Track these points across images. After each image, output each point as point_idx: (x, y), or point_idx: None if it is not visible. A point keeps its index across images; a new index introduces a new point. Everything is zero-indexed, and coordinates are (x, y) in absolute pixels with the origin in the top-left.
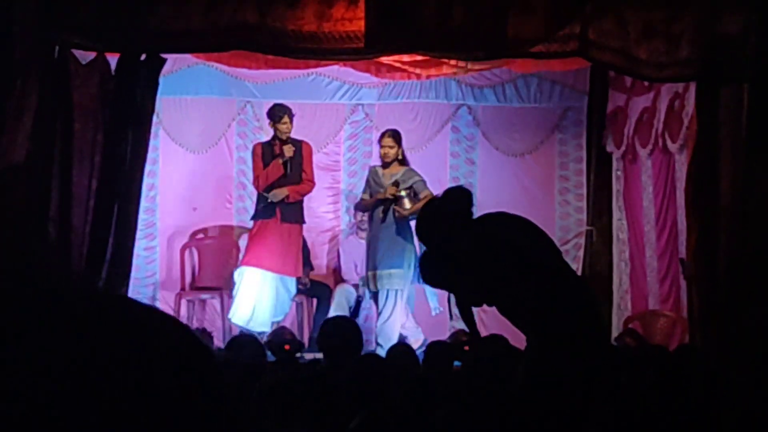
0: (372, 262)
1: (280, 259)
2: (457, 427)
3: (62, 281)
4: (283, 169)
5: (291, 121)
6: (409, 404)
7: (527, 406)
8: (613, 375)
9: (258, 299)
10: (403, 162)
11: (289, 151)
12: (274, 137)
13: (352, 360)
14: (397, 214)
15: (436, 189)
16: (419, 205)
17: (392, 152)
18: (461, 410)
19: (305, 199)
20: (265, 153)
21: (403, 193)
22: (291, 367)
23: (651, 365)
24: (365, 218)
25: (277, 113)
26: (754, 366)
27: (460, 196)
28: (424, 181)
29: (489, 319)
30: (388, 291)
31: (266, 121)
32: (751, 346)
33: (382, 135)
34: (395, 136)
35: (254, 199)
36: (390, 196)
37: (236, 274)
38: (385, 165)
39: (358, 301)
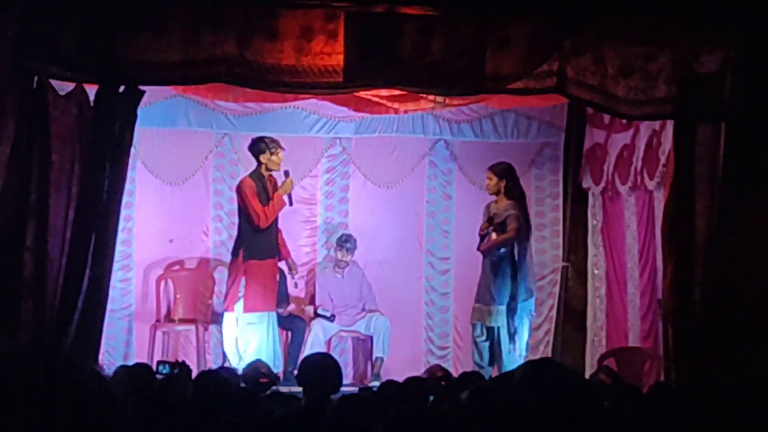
0: (475, 296)
1: (274, 297)
2: None
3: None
4: (288, 203)
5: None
6: None
7: None
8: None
9: (266, 342)
10: (511, 195)
11: (290, 184)
12: (261, 169)
13: (329, 397)
14: (481, 248)
15: (413, 223)
16: (502, 237)
17: (491, 185)
18: None
19: (283, 231)
20: (258, 188)
21: (491, 228)
22: (269, 401)
23: (626, 403)
24: (342, 254)
25: (270, 145)
26: (729, 403)
27: None
28: (516, 216)
29: (464, 354)
30: (479, 325)
31: (245, 154)
32: (725, 383)
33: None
34: (496, 168)
35: (232, 233)
36: (481, 232)
37: (231, 317)
38: (497, 199)
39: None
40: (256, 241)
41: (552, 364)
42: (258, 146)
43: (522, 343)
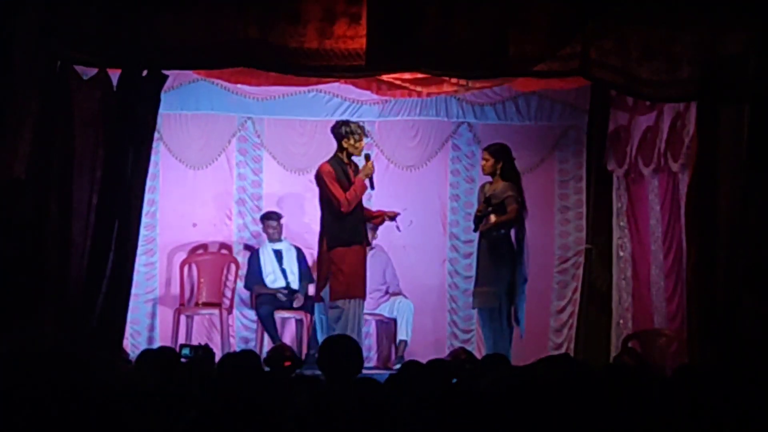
0: (475, 279)
1: (361, 284)
2: None
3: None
4: (369, 186)
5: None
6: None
7: None
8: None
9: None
10: (507, 176)
11: (371, 167)
12: (341, 155)
13: (351, 379)
14: (479, 229)
15: (437, 207)
16: (502, 218)
17: (487, 166)
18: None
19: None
20: (338, 173)
21: (490, 209)
22: (293, 384)
23: (650, 386)
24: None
25: (355, 131)
26: (753, 383)
27: None
28: (515, 197)
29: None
30: (480, 309)
31: (268, 137)
32: (748, 363)
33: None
34: (491, 149)
35: (255, 217)
36: (479, 213)
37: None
38: (492, 180)
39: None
40: (340, 228)
41: (570, 360)
42: (341, 130)
43: (522, 326)
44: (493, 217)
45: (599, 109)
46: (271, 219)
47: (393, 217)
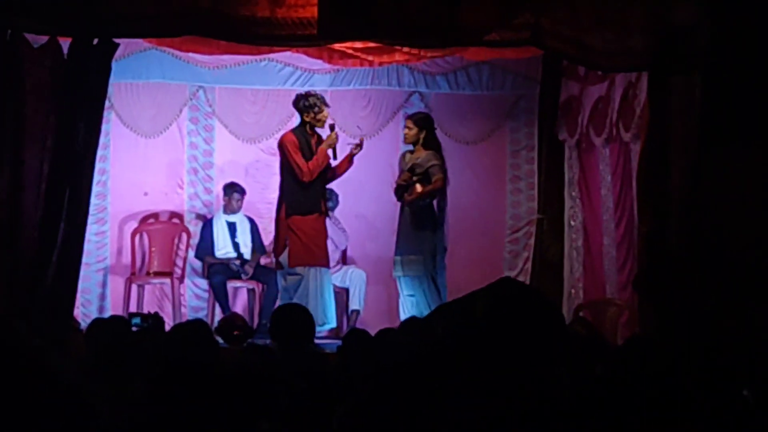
0: (396, 248)
1: (320, 253)
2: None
3: None
4: (332, 156)
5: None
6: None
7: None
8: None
9: (328, 297)
10: (429, 145)
11: (334, 138)
12: (304, 125)
13: (302, 347)
14: (404, 199)
15: (389, 176)
16: (429, 188)
17: (410, 134)
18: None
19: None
20: (301, 143)
21: (415, 179)
22: (244, 354)
23: (600, 356)
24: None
25: (318, 103)
26: (701, 356)
27: None
28: (440, 166)
29: None
30: (408, 278)
31: (219, 106)
32: (699, 336)
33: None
34: (415, 118)
35: (207, 186)
36: (403, 183)
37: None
38: (413, 149)
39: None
40: (300, 196)
41: (512, 282)
42: (300, 105)
43: (444, 295)
44: (419, 187)
45: (551, 78)
46: (236, 191)
47: (354, 153)
